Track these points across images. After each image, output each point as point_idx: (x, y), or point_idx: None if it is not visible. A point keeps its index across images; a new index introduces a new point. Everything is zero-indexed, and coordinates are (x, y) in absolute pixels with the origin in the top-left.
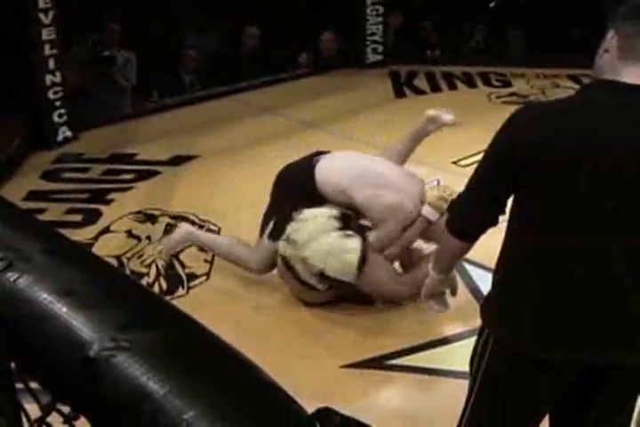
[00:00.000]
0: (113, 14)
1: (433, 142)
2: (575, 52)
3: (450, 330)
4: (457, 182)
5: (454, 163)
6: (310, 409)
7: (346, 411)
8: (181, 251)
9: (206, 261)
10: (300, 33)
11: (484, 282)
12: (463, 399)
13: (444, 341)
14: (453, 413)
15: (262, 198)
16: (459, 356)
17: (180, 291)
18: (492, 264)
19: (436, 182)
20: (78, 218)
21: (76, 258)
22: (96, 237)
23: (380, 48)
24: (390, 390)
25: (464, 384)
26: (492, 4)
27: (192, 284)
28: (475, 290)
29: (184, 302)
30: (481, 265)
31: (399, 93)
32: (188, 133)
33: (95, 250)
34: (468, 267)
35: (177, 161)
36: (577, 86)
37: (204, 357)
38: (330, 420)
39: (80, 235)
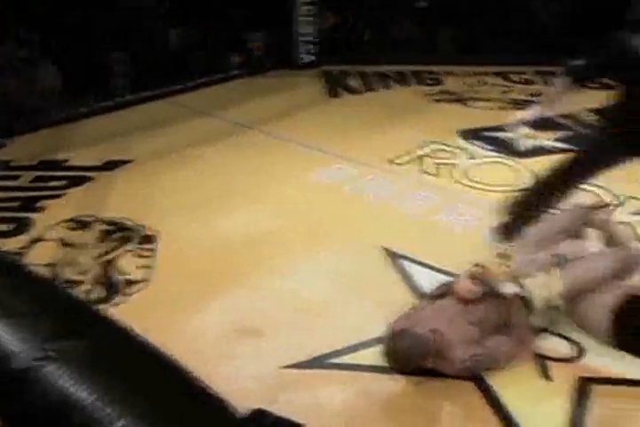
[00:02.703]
0: (36, 18)
1: (367, 141)
2: (502, 51)
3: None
4: (394, 180)
5: (390, 161)
6: None
7: (288, 411)
8: (118, 257)
9: (145, 266)
10: (230, 34)
11: (423, 278)
12: (408, 398)
13: (382, 338)
14: (394, 410)
15: (199, 201)
16: None
17: (119, 298)
18: (429, 260)
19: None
20: (9, 227)
21: (2, 269)
22: (28, 246)
23: (313, 48)
24: (332, 389)
25: (408, 381)
26: (422, 4)
27: (131, 290)
28: (413, 286)
29: (123, 309)
30: (419, 262)
31: (333, 93)
32: (120, 138)
33: (27, 259)
34: (406, 263)
35: (110, 166)
36: (505, 83)
37: (133, 364)
38: (263, 421)
39: (11, 244)
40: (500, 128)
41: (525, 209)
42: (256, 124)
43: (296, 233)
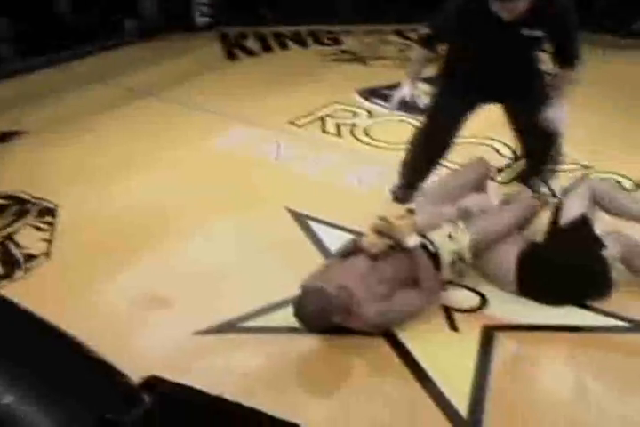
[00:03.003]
0: None
1: (268, 104)
2: (402, 8)
3: (299, 288)
4: (296, 141)
5: (291, 123)
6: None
7: (202, 378)
8: (15, 231)
9: (44, 240)
10: None
11: (330, 237)
12: (322, 356)
13: (294, 299)
14: (308, 369)
15: (97, 171)
16: None
17: (19, 273)
18: (335, 220)
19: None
20: None
21: None
22: None
23: (208, 10)
24: (245, 353)
25: (321, 340)
26: None
27: (32, 265)
28: (321, 246)
29: (25, 284)
30: (325, 222)
31: (231, 56)
32: (10, 108)
33: None
34: (312, 224)
35: (1, 138)
36: (404, 41)
37: (22, 338)
38: (159, 388)
39: None
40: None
41: (414, 166)
42: (153, 90)
43: (199, 199)
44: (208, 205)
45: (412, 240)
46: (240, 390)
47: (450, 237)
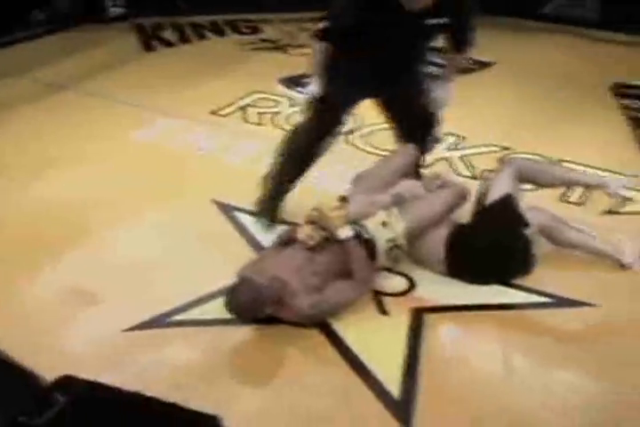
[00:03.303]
0: None
1: (188, 95)
2: None
3: (229, 279)
4: (218, 132)
5: (213, 113)
6: (100, 379)
7: (134, 374)
8: None
9: None
10: None
11: (257, 228)
12: (254, 347)
13: (225, 290)
14: (242, 360)
15: (16, 167)
16: None
17: None
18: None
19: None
20: None
21: None
22: None
23: (121, 1)
24: (177, 347)
25: (253, 331)
26: None
27: None
28: (249, 237)
29: None
30: (252, 212)
31: (147, 47)
32: None
33: None
34: (239, 215)
35: None
36: None
37: None
38: (71, 388)
39: None
40: None
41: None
42: (69, 83)
43: (123, 193)
44: (133, 199)
45: (344, 232)
46: (171, 384)
47: (384, 224)
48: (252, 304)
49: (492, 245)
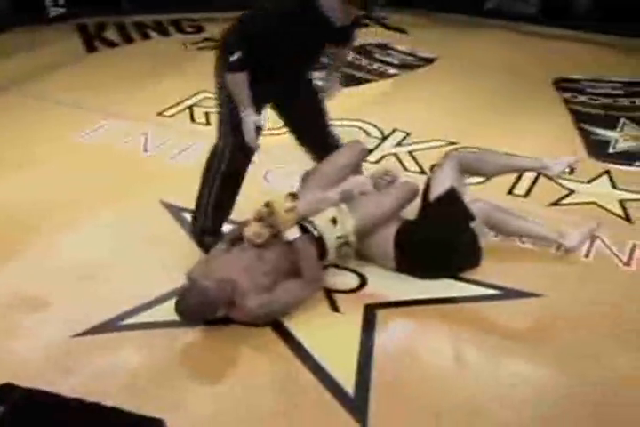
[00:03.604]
0: None
1: (133, 96)
2: None
3: (179, 282)
4: (165, 133)
5: (159, 114)
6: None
7: (85, 379)
8: None
9: None
10: None
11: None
12: (207, 347)
13: (175, 293)
14: (195, 362)
15: None
16: None
17: None
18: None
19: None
20: None
21: None
22: None
23: (62, 1)
24: (128, 351)
25: (205, 331)
26: None
27: None
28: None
29: None
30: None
31: (90, 47)
32: None
33: None
34: (187, 215)
35: None
36: None
37: None
38: (10, 396)
39: None
40: None
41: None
42: (10, 85)
43: (69, 197)
44: (80, 201)
45: (292, 234)
46: (124, 388)
47: (334, 221)
48: (201, 307)
49: (438, 240)
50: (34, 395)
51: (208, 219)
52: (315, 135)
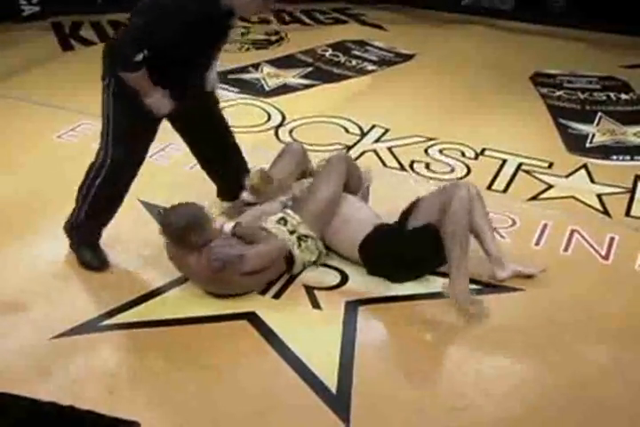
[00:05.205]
0: None
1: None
2: None
3: (157, 282)
4: None
5: None
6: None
7: (64, 381)
8: None
9: None
10: None
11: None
12: (185, 345)
13: (153, 293)
14: (173, 361)
15: None
16: (170, 305)
17: None
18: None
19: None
20: None
21: None
22: None
23: None
24: (107, 351)
25: (184, 329)
26: None
27: None
28: None
29: None
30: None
31: (66, 46)
32: None
33: None
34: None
35: None
36: (244, 24)
37: None
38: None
39: None
40: (243, 70)
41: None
42: None
43: (47, 198)
44: (58, 200)
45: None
46: (103, 389)
47: (283, 221)
48: (192, 218)
49: (400, 256)
50: (5, 399)
51: (81, 220)
52: (216, 148)
